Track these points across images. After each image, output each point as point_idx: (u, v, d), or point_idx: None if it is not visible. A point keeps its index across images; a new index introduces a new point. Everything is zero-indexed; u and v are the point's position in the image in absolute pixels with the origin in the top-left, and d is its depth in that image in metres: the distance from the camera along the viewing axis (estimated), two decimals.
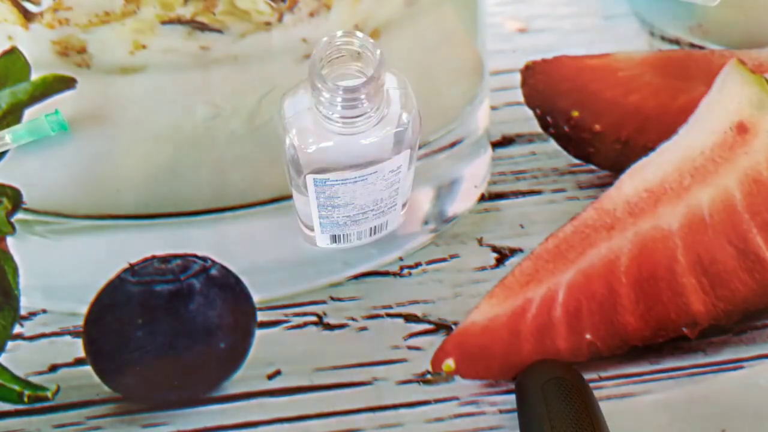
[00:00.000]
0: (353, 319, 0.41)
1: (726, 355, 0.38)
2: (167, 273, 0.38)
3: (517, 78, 0.47)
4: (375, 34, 0.36)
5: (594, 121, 0.44)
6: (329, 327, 0.41)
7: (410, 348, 0.40)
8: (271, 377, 0.39)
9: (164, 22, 0.37)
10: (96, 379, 0.38)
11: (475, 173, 0.46)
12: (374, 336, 0.40)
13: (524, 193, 0.47)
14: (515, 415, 0.35)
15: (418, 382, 0.38)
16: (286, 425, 0.37)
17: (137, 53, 0.38)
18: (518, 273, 0.38)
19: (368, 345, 0.40)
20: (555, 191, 0.47)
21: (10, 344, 0.39)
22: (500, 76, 0.52)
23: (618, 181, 0.39)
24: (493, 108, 0.49)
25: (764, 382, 0.36)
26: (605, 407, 0.34)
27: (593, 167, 0.46)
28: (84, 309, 0.39)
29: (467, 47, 0.43)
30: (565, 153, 0.46)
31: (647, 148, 0.39)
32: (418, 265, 0.43)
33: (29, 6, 0.31)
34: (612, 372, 0.37)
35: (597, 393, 0.35)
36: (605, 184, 0.40)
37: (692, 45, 0.51)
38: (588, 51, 0.47)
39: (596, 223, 0.38)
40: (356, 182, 0.31)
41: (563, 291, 0.37)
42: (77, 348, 0.39)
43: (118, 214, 0.40)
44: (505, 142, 0.50)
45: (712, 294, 0.36)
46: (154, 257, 0.36)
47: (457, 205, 0.45)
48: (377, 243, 0.36)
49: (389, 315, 0.41)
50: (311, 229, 0.34)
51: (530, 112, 0.46)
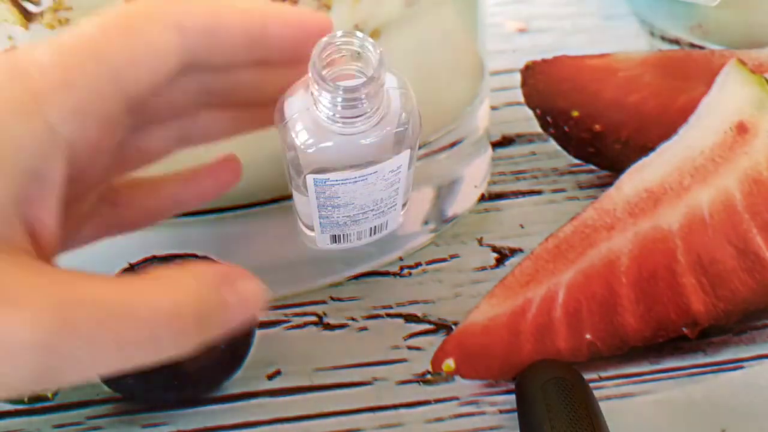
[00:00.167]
0: (353, 319, 0.41)
1: (726, 355, 0.38)
2: None
3: (517, 78, 0.47)
4: (375, 34, 0.36)
5: (594, 121, 0.44)
6: (329, 327, 0.41)
7: (410, 348, 0.40)
8: (271, 377, 0.39)
9: None
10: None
11: (475, 173, 0.46)
12: (374, 336, 0.40)
13: (524, 193, 0.47)
14: (515, 415, 0.35)
15: (418, 382, 0.38)
16: (286, 425, 0.37)
17: None
18: (518, 273, 0.38)
19: (368, 345, 0.40)
20: (555, 191, 0.47)
21: None
22: (500, 76, 0.52)
23: (618, 181, 0.39)
24: (493, 108, 0.49)
25: (764, 382, 0.36)
26: (605, 407, 0.34)
27: (593, 167, 0.46)
28: None
29: (467, 47, 0.43)
30: (565, 153, 0.47)
31: (647, 148, 0.39)
32: (418, 265, 0.43)
33: (29, 6, 0.31)
34: (612, 372, 0.38)
35: (597, 393, 0.35)
36: (605, 184, 0.40)
37: (692, 45, 0.52)
38: (588, 51, 0.47)
39: (596, 223, 0.38)
40: (356, 182, 0.31)
41: (563, 291, 0.37)
42: None
43: None
44: (505, 142, 0.50)
45: (712, 294, 0.36)
46: (154, 257, 0.36)
47: (457, 205, 0.45)
48: (377, 243, 0.36)
49: (389, 315, 0.41)
50: (311, 229, 0.34)
51: (530, 112, 0.46)
